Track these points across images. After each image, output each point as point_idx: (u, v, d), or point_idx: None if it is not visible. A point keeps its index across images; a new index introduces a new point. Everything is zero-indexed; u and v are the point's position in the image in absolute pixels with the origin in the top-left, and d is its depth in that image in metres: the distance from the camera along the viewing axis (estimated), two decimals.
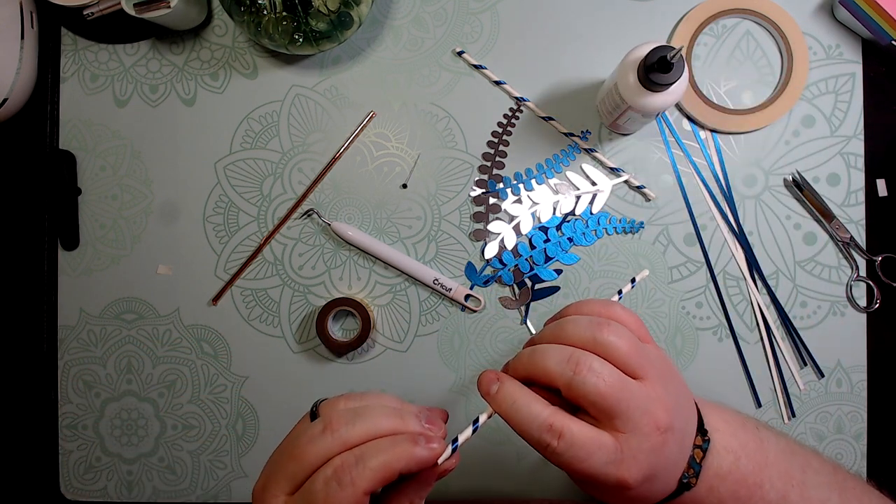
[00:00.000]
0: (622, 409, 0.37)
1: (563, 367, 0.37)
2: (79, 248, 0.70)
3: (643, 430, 0.37)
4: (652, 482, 0.38)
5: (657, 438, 0.37)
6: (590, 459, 0.36)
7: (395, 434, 0.37)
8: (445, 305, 0.68)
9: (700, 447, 0.40)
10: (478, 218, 0.68)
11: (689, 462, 0.40)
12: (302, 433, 0.37)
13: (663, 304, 0.68)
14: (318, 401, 0.40)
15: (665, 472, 0.39)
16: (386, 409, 0.38)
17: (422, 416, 0.39)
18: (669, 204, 0.68)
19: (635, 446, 0.37)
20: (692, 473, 0.40)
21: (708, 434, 0.41)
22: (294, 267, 0.69)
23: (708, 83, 0.67)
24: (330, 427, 0.36)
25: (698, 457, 0.40)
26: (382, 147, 0.69)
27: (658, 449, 0.37)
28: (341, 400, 0.39)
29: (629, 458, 0.37)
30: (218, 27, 0.69)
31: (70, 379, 0.70)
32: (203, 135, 0.69)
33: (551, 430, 0.36)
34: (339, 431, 0.36)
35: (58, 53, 0.70)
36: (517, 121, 0.68)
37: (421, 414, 0.39)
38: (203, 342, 0.70)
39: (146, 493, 0.70)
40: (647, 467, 0.37)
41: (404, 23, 0.69)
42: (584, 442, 0.36)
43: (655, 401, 0.38)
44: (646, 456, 0.37)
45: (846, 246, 0.67)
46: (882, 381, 0.67)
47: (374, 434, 0.36)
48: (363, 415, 0.37)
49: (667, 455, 0.38)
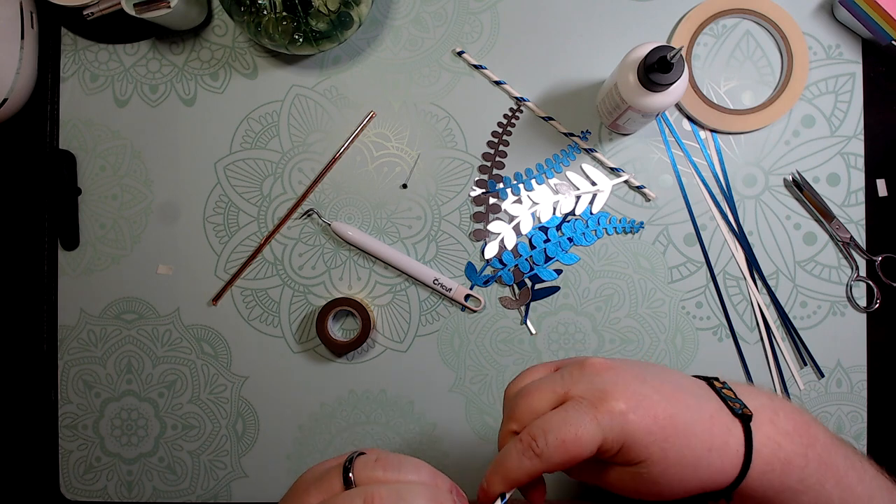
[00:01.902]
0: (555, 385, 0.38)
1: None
2: (79, 248, 0.70)
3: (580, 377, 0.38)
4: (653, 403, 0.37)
5: (601, 373, 0.38)
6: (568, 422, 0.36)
7: None
8: (445, 305, 0.68)
9: (723, 387, 0.40)
10: (478, 218, 0.68)
11: (724, 400, 0.39)
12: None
13: (663, 304, 0.68)
14: (352, 456, 0.36)
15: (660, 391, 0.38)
16: (427, 491, 0.35)
17: (455, 496, 0.37)
18: (669, 204, 0.68)
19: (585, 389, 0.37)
20: (739, 406, 0.38)
21: (719, 378, 0.40)
22: (294, 267, 0.69)
23: (708, 83, 0.67)
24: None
25: (729, 394, 0.39)
26: (382, 147, 0.69)
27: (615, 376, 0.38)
28: (377, 466, 0.36)
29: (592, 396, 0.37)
30: (218, 27, 0.69)
31: (70, 379, 0.70)
32: (203, 135, 0.69)
33: (525, 442, 0.37)
34: None
35: (58, 53, 0.70)
36: (517, 121, 0.68)
37: (453, 493, 0.37)
38: (203, 342, 0.70)
39: (146, 493, 0.70)
40: (618, 388, 0.37)
41: (404, 23, 0.69)
42: (559, 422, 0.36)
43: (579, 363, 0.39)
44: (605, 384, 0.37)
45: (846, 246, 0.67)
46: (882, 381, 0.67)
47: None
48: (405, 497, 0.34)
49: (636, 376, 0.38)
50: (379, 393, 0.69)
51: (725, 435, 0.37)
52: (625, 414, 0.36)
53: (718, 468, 0.37)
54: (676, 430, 0.37)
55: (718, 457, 0.37)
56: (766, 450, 0.38)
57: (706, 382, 0.41)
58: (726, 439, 0.37)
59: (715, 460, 0.37)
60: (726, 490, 0.38)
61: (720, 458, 0.37)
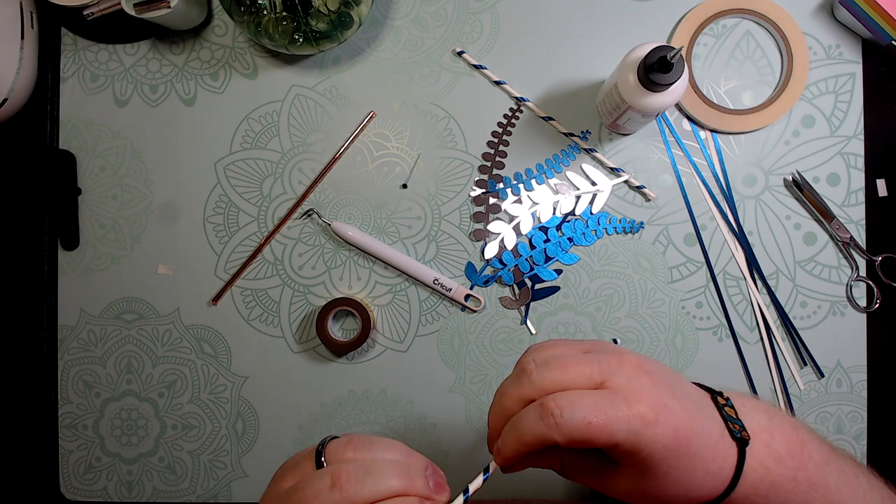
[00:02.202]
0: (592, 370, 0.38)
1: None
2: (79, 248, 0.70)
3: (618, 369, 0.37)
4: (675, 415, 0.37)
5: (636, 371, 0.37)
6: (596, 406, 0.36)
7: (403, 496, 0.36)
8: (445, 305, 0.68)
9: (726, 404, 0.40)
10: (478, 218, 0.68)
11: (725, 420, 0.39)
12: (307, 485, 0.36)
13: (663, 304, 0.68)
14: (325, 440, 0.38)
15: (683, 406, 0.37)
16: (396, 466, 0.37)
17: (429, 473, 0.38)
18: (669, 204, 0.68)
19: (622, 382, 0.37)
20: (738, 428, 0.39)
21: (723, 393, 0.40)
22: (294, 267, 0.69)
23: (708, 83, 0.67)
24: (338, 484, 0.35)
25: (731, 413, 0.39)
26: (382, 147, 0.69)
27: (648, 379, 0.37)
28: (349, 447, 0.38)
29: (625, 391, 0.36)
30: (218, 27, 0.69)
31: (70, 379, 0.70)
32: (203, 135, 0.69)
33: (547, 409, 0.37)
34: (348, 490, 0.35)
35: (58, 53, 0.70)
36: (517, 121, 0.68)
37: (428, 471, 0.38)
38: (203, 342, 0.70)
39: (146, 493, 0.70)
40: (651, 393, 0.36)
41: (404, 23, 0.69)
42: (580, 397, 0.36)
43: (614, 352, 0.39)
44: (640, 384, 0.37)
45: (846, 246, 0.67)
46: (882, 381, 0.67)
47: (382, 495, 0.35)
48: (373, 472, 0.36)
49: (665, 385, 0.38)
50: (379, 393, 0.69)
51: (723, 460, 0.38)
52: (653, 425, 0.36)
53: (708, 490, 0.38)
54: (689, 452, 0.37)
55: (711, 480, 0.38)
56: (755, 475, 0.38)
57: (710, 395, 0.41)
58: (723, 464, 0.38)
59: (708, 483, 0.38)
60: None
61: (713, 482, 0.38)
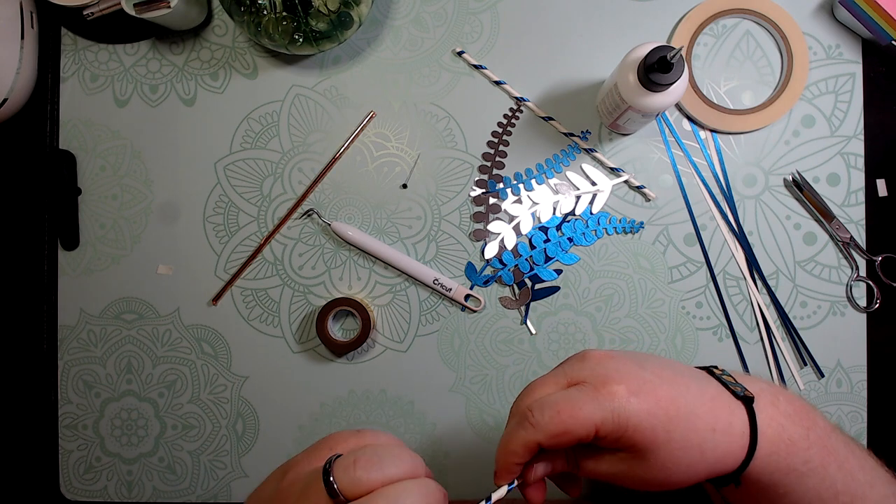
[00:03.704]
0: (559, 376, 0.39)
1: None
2: (79, 248, 0.70)
3: (583, 367, 0.39)
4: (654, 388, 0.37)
5: (602, 364, 0.38)
6: (568, 399, 0.37)
7: None
8: (445, 305, 0.68)
9: (722, 374, 0.40)
10: (478, 218, 0.68)
11: (724, 385, 0.39)
12: None
13: (663, 304, 0.68)
14: (331, 460, 0.34)
15: (661, 378, 0.38)
16: (416, 489, 0.34)
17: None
18: (669, 204, 0.68)
19: (589, 375, 0.38)
20: (740, 389, 0.39)
21: (717, 367, 0.41)
22: (294, 267, 0.69)
23: (708, 83, 0.67)
24: None
25: (729, 380, 0.40)
26: (382, 147, 0.69)
27: (616, 364, 0.38)
28: (359, 467, 0.34)
29: (594, 380, 0.37)
30: (218, 27, 0.69)
31: (70, 379, 0.70)
32: (203, 135, 0.69)
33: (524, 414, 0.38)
34: None
35: (58, 53, 0.70)
36: (517, 121, 0.68)
37: (430, 476, 0.37)
38: (203, 342, 0.70)
39: (146, 493, 0.70)
40: (619, 374, 0.37)
41: (404, 23, 0.69)
42: (559, 397, 0.37)
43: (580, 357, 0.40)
44: (607, 371, 0.38)
45: (846, 246, 0.67)
46: (882, 381, 0.67)
47: None
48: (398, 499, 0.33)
49: (637, 363, 0.38)
50: (379, 393, 0.69)
51: (728, 415, 0.38)
52: (626, 397, 0.36)
53: (725, 450, 0.37)
54: (679, 412, 0.37)
55: (724, 438, 0.37)
56: (770, 430, 0.38)
57: (705, 370, 0.41)
58: (730, 419, 0.38)
59: (721, 441, 0.37)
60: (734, 474, 0.38)
61: (726, 439, 0.37)
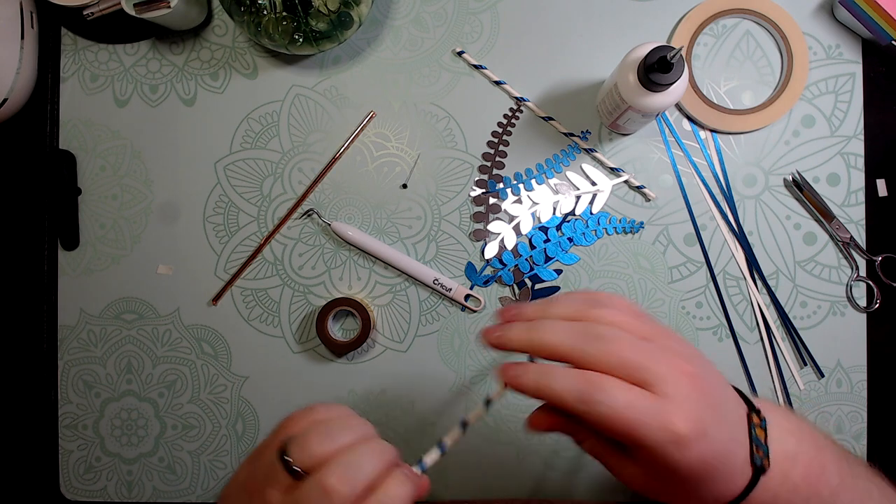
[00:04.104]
0: (646, 365, 0.35)
1: (573, 338, 0.36)
2: (79, 248, 0.70)
3: (672, 376, 0.35)
4: (709, 444, 0.35)
5: (689, 384, 0.35)
6: (634, 406, 0.34)
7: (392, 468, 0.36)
8: (445, 305, 0.68)
9: (759, 425, 0.38)
10: (478, 218, 0.68)
11: (752, 442, 0.37)
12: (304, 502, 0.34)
13: (663, 304, 0.68)
14: (283, 446, 0.36)
15: (720, 433, 0.36)
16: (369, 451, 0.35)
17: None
18: (669, 204, 0.68)
19: (672, 392, 0.34)
20: (762, 455, 0.37)
21: (761, 412, 0.39)
22: (294, 267, 0.69)
23: (708, 83, 0.67)
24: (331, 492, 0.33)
25: (761, 435, 0.38)
26: (382, 147, 0.69)
27: (697, 396, 0.35)
28: (312, 440, 0.36)
29: (671, 404, 0.34)
30: (218, 27, 0.69)
31: (70, 379, 0.70)
32: (203, 135, 0.69)
33: (588, 382, 0.35)
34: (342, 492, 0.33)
35: (58, 53, 0.70)
36: (517, 121, 0.68)
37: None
38: (203, 342, 0.70)
39: (146, 493, 0.70)
40: (694, 415, 0.34)
41: (404, 23, 0.69)
42: (622, 389, 0.34)
43: (672, 353, 0.36)
44: (687, 402, 0.35)
45: (846, 246, 0.67)
46: (882, 381, 0.67)
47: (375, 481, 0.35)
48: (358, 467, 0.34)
49: (711, 405, 0.36)
50: (379, 393, 0.69)
51: (736, 482, 0.37)
52: (685, 448, 0.34)
53: (710, 502, 0.38)
54: (709, 477, 0.36)
55: (717, 496, 0.37)
56: (758, 501, 0.38)
57: (747, 412, 0.39)
58: (734, 490, 0.37)
59: (711, 498, 0.37)
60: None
61: (716, 498, 0.37)
